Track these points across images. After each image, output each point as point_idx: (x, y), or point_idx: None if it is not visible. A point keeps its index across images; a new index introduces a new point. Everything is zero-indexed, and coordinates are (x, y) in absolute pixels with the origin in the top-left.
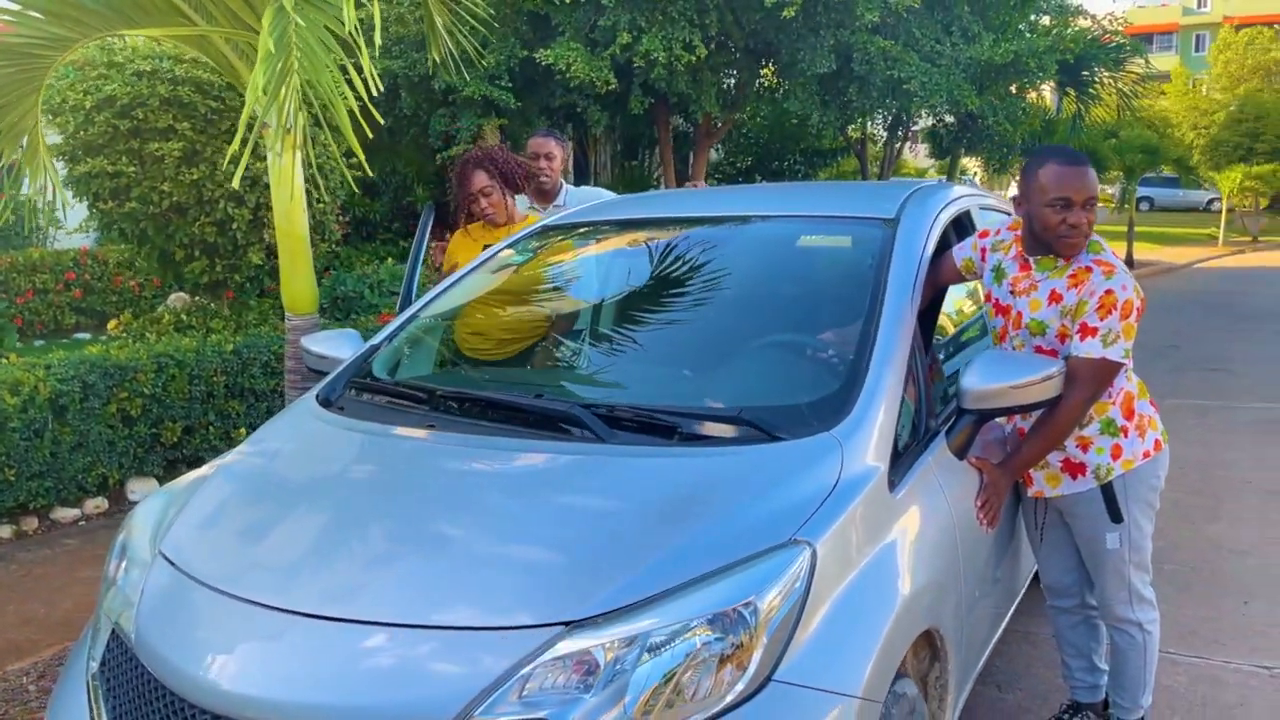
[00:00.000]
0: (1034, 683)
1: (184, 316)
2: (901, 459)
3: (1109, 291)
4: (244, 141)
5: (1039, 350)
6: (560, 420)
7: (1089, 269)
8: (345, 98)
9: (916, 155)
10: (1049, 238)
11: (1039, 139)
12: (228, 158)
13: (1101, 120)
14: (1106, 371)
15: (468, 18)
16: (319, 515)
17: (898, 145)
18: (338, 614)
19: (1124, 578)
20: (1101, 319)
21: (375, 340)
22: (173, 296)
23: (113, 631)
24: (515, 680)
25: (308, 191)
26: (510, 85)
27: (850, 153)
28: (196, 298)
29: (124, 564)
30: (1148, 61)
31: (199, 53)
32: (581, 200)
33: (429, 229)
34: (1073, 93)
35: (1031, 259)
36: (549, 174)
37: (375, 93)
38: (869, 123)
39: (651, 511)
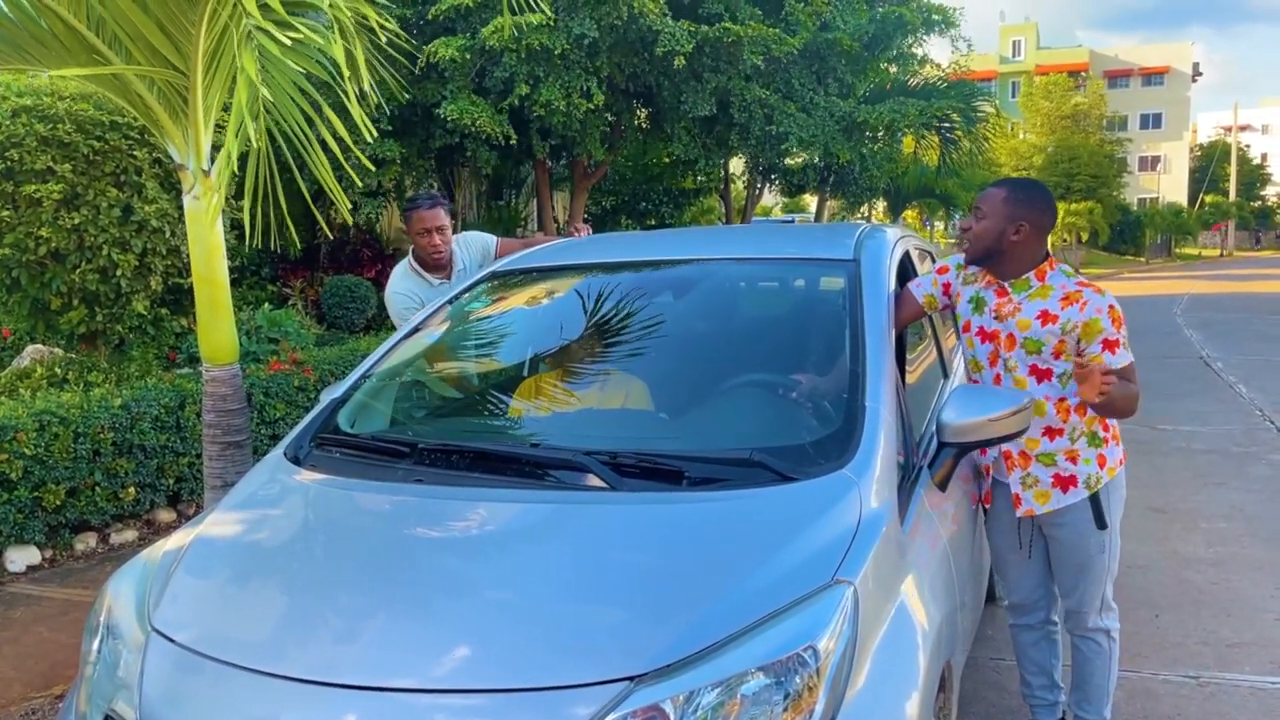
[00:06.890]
0: (985, 706)
1: (57, 370)
2: (901, 494)
3: (1112, 307)
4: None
5: (1034, 369)
6: (563, 469)
7: (1079, 290)
8: (319, 136)
9: (760, 193)
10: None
11: (896, 181)
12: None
13: (955, 162)
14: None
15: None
16: (333, 580)
17: (758, 187)
18: (386, 684)
19: (1101, 584)
20: (1117, 330)
21: (337, 393)
22: (29, 349)
23: (106, 717)
24: None
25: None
26: (390, 130)
27: (713, 193)
28: (57, 350)
29: (107, 644)
30: (998, 109)
31: (110, 93)
32: (471, 248)
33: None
34: (936, 138)
35: (1006, 283)
36: (443, 248)
37: (370, 137)
38: (730, 163)
39: (684, 559)
